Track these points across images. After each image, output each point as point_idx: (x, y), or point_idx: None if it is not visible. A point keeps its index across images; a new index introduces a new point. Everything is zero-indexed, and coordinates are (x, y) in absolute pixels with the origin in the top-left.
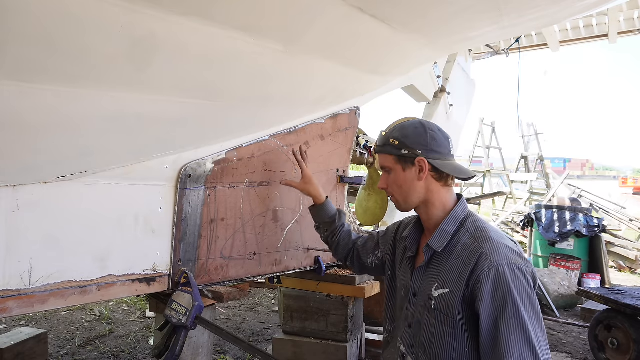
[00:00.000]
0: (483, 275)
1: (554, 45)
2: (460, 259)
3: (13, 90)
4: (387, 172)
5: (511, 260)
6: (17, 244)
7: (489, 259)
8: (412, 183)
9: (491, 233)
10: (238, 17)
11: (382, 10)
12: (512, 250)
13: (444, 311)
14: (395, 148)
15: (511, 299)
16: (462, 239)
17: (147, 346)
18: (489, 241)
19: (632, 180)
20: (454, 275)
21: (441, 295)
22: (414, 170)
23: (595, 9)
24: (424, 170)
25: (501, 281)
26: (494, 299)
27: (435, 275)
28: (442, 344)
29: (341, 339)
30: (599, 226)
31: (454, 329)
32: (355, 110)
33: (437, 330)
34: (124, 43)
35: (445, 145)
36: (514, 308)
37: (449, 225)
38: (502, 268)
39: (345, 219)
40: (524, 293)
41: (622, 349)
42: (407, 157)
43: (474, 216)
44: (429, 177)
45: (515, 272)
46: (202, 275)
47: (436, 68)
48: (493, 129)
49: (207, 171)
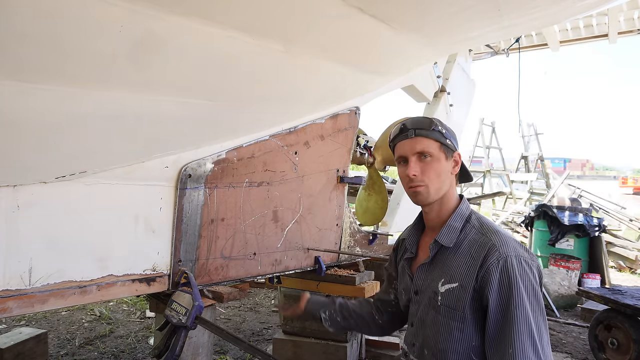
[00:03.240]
0: (492, 266)
1: (554, 45)
2: (468, 253)
3: (13, 90)
4: (424, 157)
5: (519, 253)
6: (17, 244)
7: (498, 250)
8: (447, 174)
9: (497, 227)
10: (238, 17)
11: (382, 10)
12: (519, 244)
13: (453, 306)
14: (442, 136)
15: (517, 290)
16: (469, 235)
17: (147, 346)
18: (496, 234)
19: (632, 180)
20: (463, 269)
21: (449, 290)
22: (450, 163)
23: (595, 9)
24: (457, 165)
25: (509, 272)
26: (501, 289)
27: (441, 271)
28: (449, 339)
29: (341, 338)
30: (599, 226)
31: (463, 323)
32: (355, 110)
33: (444, 326)
34: (124, 43)
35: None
36: (519, 299)
37: (456, 221)
38: (510, 259)
39: (338, 299)
40: (530, 286)
41: (622, 349)
42: (449, 148)
43: (477, 214)
44: (454, 173)
45: (522, 265)
46: (202, 275)
47: (436, 68)
48: (493, 129)
49: (207, 171)
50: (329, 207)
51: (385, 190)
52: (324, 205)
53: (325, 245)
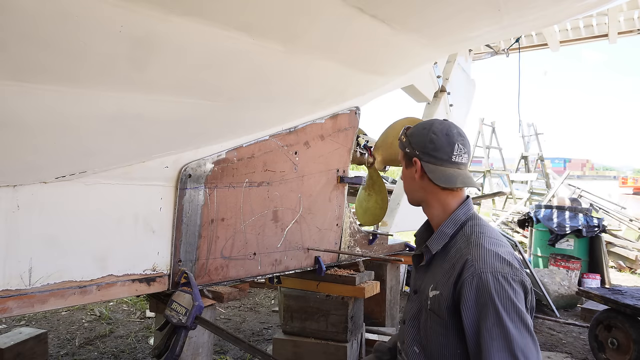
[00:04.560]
0: (467, 282)
1: (554, 45)
2: (451, 262)
3: (13, 90)
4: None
5: (496, 269)
6: (17, 244)
7: (473, 266)
8: (411, 180)
9: (484, 239)
10: (238, 17)
11: (382, 10)
12: (501, 259)
13: (437, 312)
14: (402, 144)
15: (493, 307)
16: (458, 242)
17: (147, 346)
18: (477, 248)
19: (632, 180)
20: (445, 278)
21: (435, 297)
22: (413, 170)
23: (595, 9)
24: (418, 170)
25: (484, 289)
26: (476, 305)
27: (432, 276)
28: (436, 342)
29: (341, 339)
30: (599, 226)
31: (446, 329)
32: (355, 110)
33: (432, 329)
34: (124, 43)
35: (445, 150)
36: (496, 316)
37: (448, 227)
38: (484, 276)
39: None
40: (508, 302)
41: (622, 349)
42: (408, 155)
43: (476, 219)
44: (426, 179)
45: (500, 281)
46: (202, 275)
47: (436, 68)
48: (493, 129)
49: (207, 171)
50: (329, 207)
51: (385, 190)
52: (324, 205)
53: (325, 245)
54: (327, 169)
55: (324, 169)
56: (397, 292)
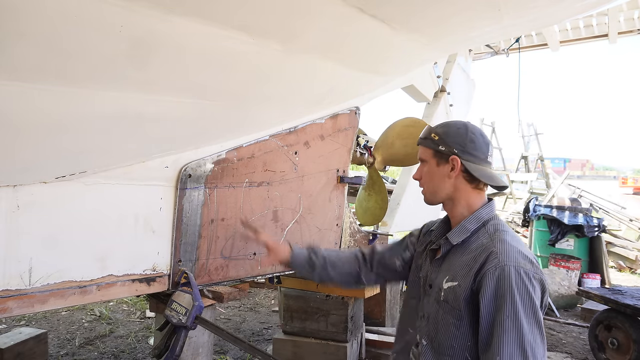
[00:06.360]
0: (489, 272)
1: (554, 45)
2: (472, 255)
3: (13, 90)
4: (424, 163)
5: (519, 264)
6: (17, 244)
7: (498, 258)
8: (442, 179)
9: (507, 236)
10: (238, 17)
11: (382, 10)
12: (524, 255)
13: (451, 302)
14: (434, 143)
15: (511, 300)
16: (480, 239)
17: (147, 346)
18: (502, 243)
19: (632, 180)
20: (464, 270)
21: (450, 288)
22: (447, 167)
23: (595, 9)
24: (455, 169)
25: (505, 281)
26: (495, 297)
27: (447, 269)
28: (446, 333)
29: (341, 339)
30: (599, 226)
31: (460, 320)
32: (355, 110)
33: (443, 320)
34: (124, 43)
35: (483, 150)
36: (513, 309)
37: (470, 223)
38: (507, 269)
39: (321, 251)
40: (527, 297)
41: (622, 349)
42: (442, 154)
43: (498, 220)
44: (460, 177)
45: (522, 275)
46: (202, 275)
47: (436, 68)
48: (493, 129)
49: (207, 171)
50: (329, 207)
51: (385, 190)
52: (324, 205)
53: (325, 245)
54: (327, 169)
55: (324, 169)
56: (397, 292)
